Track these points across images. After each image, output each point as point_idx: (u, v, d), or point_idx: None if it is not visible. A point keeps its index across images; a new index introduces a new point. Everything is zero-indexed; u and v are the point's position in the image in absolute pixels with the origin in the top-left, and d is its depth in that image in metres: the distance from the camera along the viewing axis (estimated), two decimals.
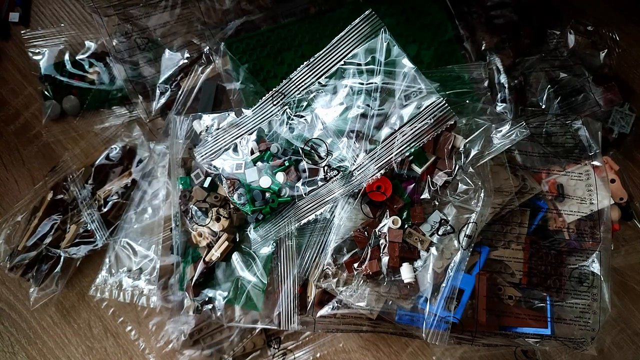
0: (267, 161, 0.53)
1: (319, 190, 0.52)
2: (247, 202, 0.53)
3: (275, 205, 0.52)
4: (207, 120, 0.57)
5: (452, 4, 0.65)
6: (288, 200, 0.52)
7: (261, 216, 0.53)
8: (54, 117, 0.68)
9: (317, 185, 0.52)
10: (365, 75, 0.51)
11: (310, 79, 0.53)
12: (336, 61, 0.52)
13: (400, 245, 0.51)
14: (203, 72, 0.63)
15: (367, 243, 0.51)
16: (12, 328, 0.66)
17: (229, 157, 0.55)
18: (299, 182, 0.52)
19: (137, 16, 0.65)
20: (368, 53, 0.51)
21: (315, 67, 0.53)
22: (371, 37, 0.51)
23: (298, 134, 0.53)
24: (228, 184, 0.53)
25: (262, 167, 0.53)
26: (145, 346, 0.64)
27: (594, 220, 0.55)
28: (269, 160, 0.53)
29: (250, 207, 0.52)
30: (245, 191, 0.53)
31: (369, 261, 0.51)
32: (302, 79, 0.54)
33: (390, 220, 0.51)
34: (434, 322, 0.50)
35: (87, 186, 0.64)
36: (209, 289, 0.57)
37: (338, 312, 0.52)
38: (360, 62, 0.52)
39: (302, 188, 0.52)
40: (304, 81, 0.54)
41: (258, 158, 0.54)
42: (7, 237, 0.65)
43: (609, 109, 0.63)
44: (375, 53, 0.51)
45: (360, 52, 0.52)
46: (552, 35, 0.66)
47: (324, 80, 0.53)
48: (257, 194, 0.53)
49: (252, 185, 0.53)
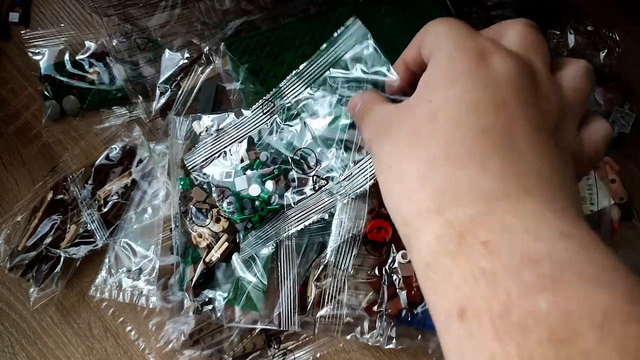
0: (257, 169, 0.53)
1: (307, 200, 0.52)
2: (236, 211, 0.52)
3: (265, 214, 0.52)
4: (206, 121, 0.57)
5: (452, 4, 0.65)
6: (277, 207, 0.52)
7: (250, 225, 0.53)
8: (54, 117, 0.68)
9: (306, 194, 0.52)
10: (353, 84, 0.51)
11: (299, 88, 0.53)
12: (323, 70, 0.52)
13: (415, 277, 0.51)
14: (203, 72, 0.63)
15: (381, 283, 0.51)
16: (12, 328, 0.66)
17: (220, 164, 0.55)
18: (288, 191, 0.52)
19: (137, 16, 0.65)
20: (354, 62, 0.51)
21: (303, 76, 0.53)
22: (357, 44, 0.51)
23: (288, 143, 0.53)
24: (217, 192, 0.53)
25: (252, 176, 0.53)
26: (145, 346, 0.64)
27: (594, 220, 0.55)
28: (259, 168, 0.53)
29: (239, 216, 0.52)
30: (235, 199, 0.52)
31: (389, 301, 0.51)
32: (291, 87, 0.54)
33: (399, 255, 0.51)
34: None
35: (87, 186, 0.64)
36: (209, 290, 0.57)
37: (338, 312, 0.52)
38: (347, 71, 0.51)
39: (291, 197, 0.52)
40: (293, 90, 0.53)
41: (248, 166, 0.53)
42: (7, 237, 0.65)
43: (609, 109, 0.63)
44: (360, 62, 0.50)
45: (347, 60, 0.51)
46: (552, 35, 0.66)
47: (313, 89, 0.52)
48: (247, 202, 0.52)
49: (241, 193, 0.53)
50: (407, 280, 0.51)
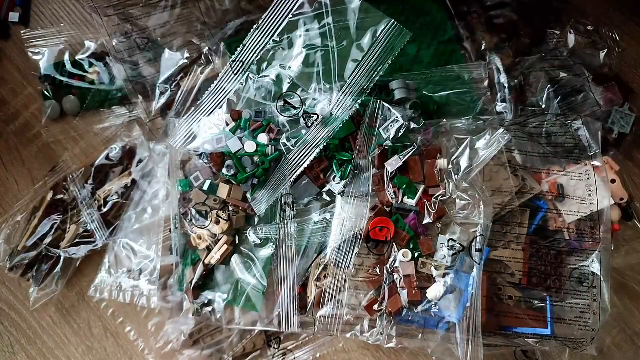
0: (245, 127, 0.54)
1: (305, 139, 0.53)
2: (238, 172, 0.53)
3: (267, 166, 0.53)
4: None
5: (452, 4, 0.65)
6: (277, 156, 0.54)
7: (256, 180, 0.54)
8: (54, 117, 0.68)
9: (302, 134, 0.53)
10: (316, 20, 0.53)
11: (264, 40, 0.55)
12: (284, 16, 0.54)
13: (415, 276, 0.51)
14: (203, 72, 0.63)
15: (381, 282, 0.51)
16: (12, 328, 0.66)
17: (207, 135, 0.55)
18: (283, 137, 0.54)
19: (137, 16, 0.65)
20: (312, 1, 0.53)
21: (265, 27, 0.55)
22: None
23: (267, 93, 0.55)
24: (212, 162, 0.54)
25: (243, 134, 0.54)
26: (144, 346, 0.64)
27: (594, 220, 0.55)
28: (246, 126, 0.54)
29: (242, 175, 0.53)
30: (234, 162, 0.53)
31: (389, 299, 0.51)
32: (256, 42, 0.55)
33: (400, 254, 0.51)
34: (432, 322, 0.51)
35: (87, 186, 0.64)
36: (209, 291, 0.57)
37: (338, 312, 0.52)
38: (307, 11, 0.53)
39: (288, 141, 0.54)
40: (259, 43, 0.55)
41: (235, 127, 0.55)
42: (7, 237, 0.65)
43: (609, 109, 0.63)
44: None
45: (305, 1, 0.53)
46: (552, 35, 0.66)
47: (278, 37, 0.54)
48: (246, 160, 0.53)
49: (238, 153, 0.53)
50: (407, 279, 0.51)
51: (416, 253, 0.52)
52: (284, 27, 0.54)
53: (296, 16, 0.53)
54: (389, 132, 0.53)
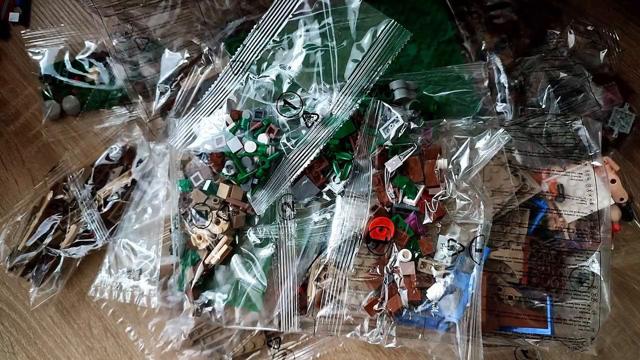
0: (245, 127, 0.54)
1: (305, 139, 0.53)
2: (238, 172, 0.53)
3: (267, 166, 0.53)
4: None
5: (452, 4, 0.65)
6: (277, 156, 0.54)
7: (256, 180, 0.54)
8: (54, 117, 0.68)
9: (302, 134, 0.53)
10: (316, 20, 0.53)
11: (264, 40, 0.55)
12: (284, 16, 0.54)
13: (415, 276, 0.51)
14: (203, 72, 0.63)
15: (381, 282, 0.51)
16: (12, 328, 0.66)
17: (207, 135, 0.55)
18: (283, 137, 0.54)
19: (137, 16, 0.65)
20: (312, 1, 0.53)
21: (265, 27, 0.55)
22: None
23: (267, 93, 0.55)
24: (212, 162, 0.54)
25: (243, 134, 0.54)
26: (144, 346, 0.64)
27: (594, 220, 0.55)
28: (246, 126, 0.54)
29: (242, 175, 0.53)
30: (234, 162, 0.53)
31: (389, 299, 0.51)
32: (256, 42, 0.55)
33: (400, 254, 0.51)
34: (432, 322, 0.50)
35: (87, 186, 0.64)
36: (209, 291, 0.57)
37: (338, 313, 0.52)
38: (307, 11, 0.54)
39: (289, 142, 0.54)
40: (259, 43, 0.55)
41: (235, 127, 0.55)
42: (7, 237, 0.65)
43: (609, 109, 0.63)
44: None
45: (305, 1, 0.53)
46: (552, 35, 0.66)
47: (278, 37, 0.54)
48: (246, 160, 0.53)
49: (239, 153, 0.54)
50: (407, 279, 0.51)
51: (416, 253, 0.52)
52: (284, 27, 0.54)
53: (296, 16, 0.54)
54: (389, 132, 0.53)
